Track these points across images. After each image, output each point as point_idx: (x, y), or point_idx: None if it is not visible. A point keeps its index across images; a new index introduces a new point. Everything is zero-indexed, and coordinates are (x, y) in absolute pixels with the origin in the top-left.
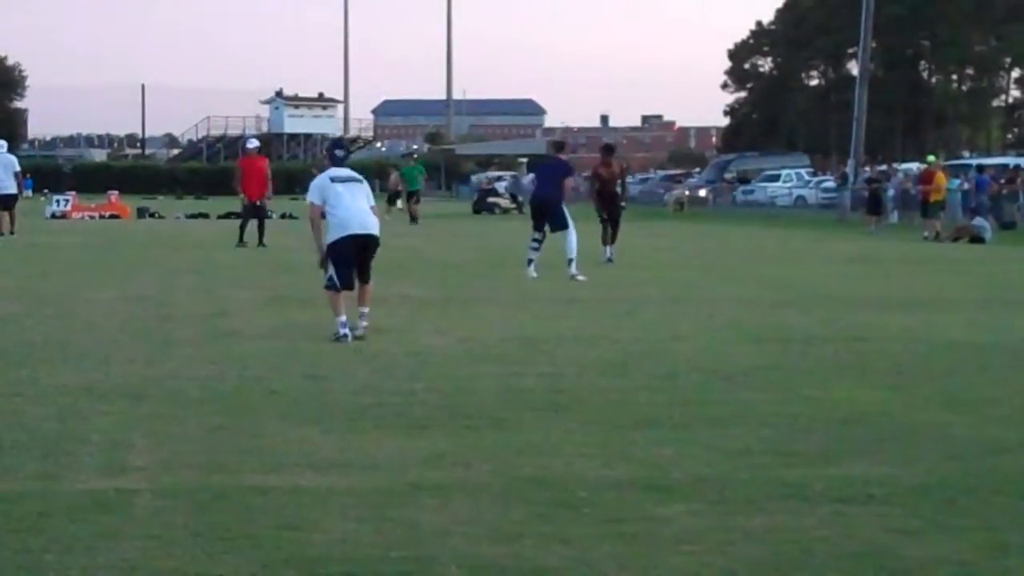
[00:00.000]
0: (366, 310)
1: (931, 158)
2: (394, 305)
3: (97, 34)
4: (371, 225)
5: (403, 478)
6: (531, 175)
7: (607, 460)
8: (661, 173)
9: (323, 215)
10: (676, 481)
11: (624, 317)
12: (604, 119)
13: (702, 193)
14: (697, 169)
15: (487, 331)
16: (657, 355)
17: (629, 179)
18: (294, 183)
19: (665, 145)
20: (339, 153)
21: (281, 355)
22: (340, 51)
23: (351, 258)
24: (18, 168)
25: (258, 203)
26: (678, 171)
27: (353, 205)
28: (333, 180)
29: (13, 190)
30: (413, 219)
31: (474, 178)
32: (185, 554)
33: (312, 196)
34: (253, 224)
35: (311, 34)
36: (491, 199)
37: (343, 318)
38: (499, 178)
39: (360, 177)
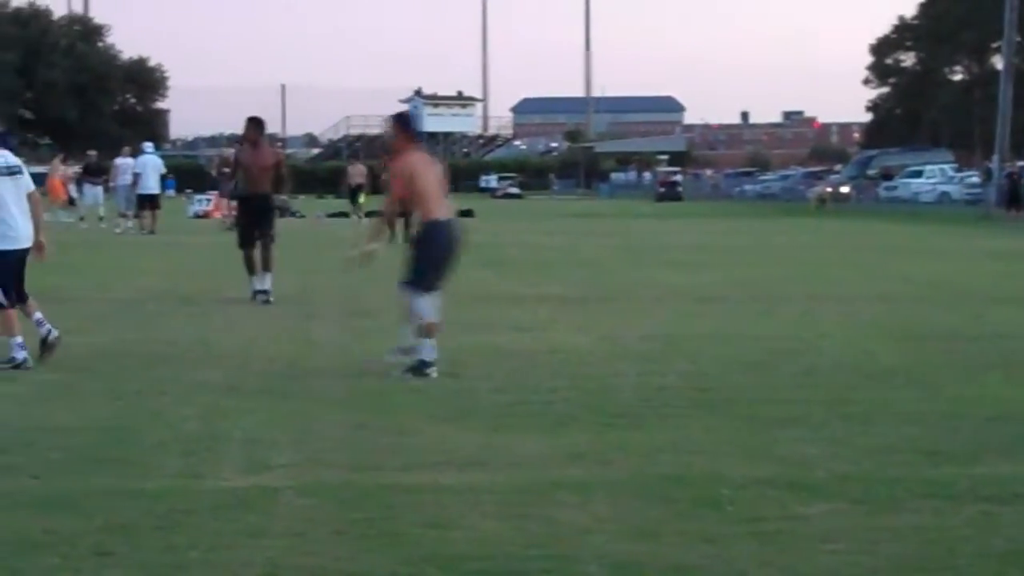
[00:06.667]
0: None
1: None
2: (533, 303)
3: (238, 34)
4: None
5: (544, 476)
6: None
7: (749, 458)
8: (802, 170)
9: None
10: (819, 479)
11: (764, 315)
12: (744, 115)
13: (844, 189)
14: (839, 165)
15: (627, 329)
16: (798, 353)
17: (769, 175)
18: None
19: (806, 141)
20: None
21: None
22: (479, 49)
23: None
24: (164, 170)
25: None
26: (819, 167)
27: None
28: None
29: (156, 190)
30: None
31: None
32: (327, 551)
33: None
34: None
35: (450, 32)
36: None
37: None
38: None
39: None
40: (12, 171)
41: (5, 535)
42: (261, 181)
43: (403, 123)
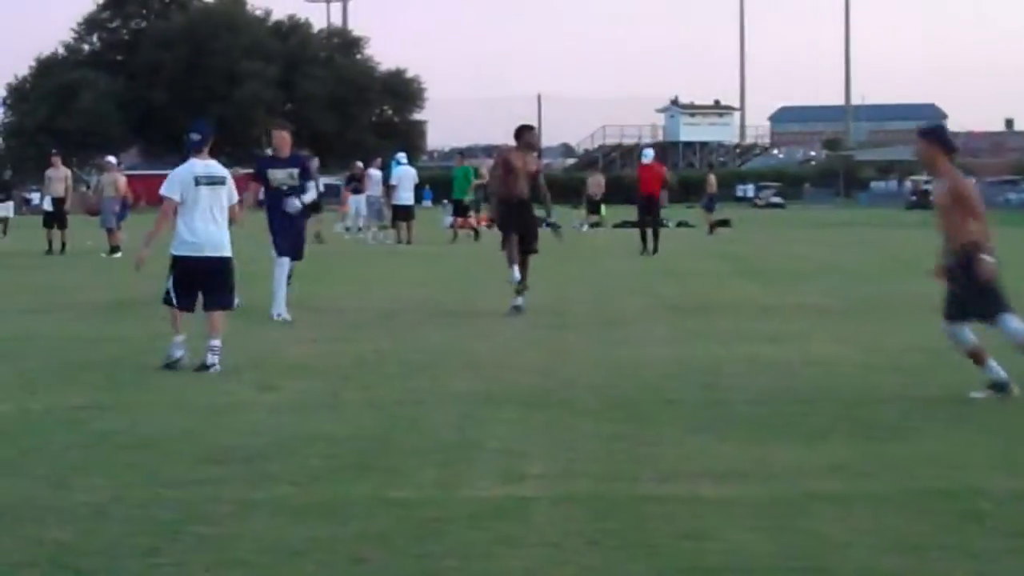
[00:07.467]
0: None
1: None
2: (791, 314)
3: (493, 45)
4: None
5: (802, 488)
6: None
7: (1012, 471)
8: None
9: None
10: None
11: None
12: (1009, 123)
13: None
14: None
15: (889, 340)
16: None
17: None
18: (690, 191)
19: None
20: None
21: (677, 363)
22: (736, 57)
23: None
24: (416, 180)
25: (650, 199)
26: None
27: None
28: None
29: (410, 201)
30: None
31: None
32: (582, 562)
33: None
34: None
35: (707, 41)
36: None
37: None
38: None
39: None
40: (212, 181)
41: (265, 542)
42: (520, 185)
43: (940, 137)
